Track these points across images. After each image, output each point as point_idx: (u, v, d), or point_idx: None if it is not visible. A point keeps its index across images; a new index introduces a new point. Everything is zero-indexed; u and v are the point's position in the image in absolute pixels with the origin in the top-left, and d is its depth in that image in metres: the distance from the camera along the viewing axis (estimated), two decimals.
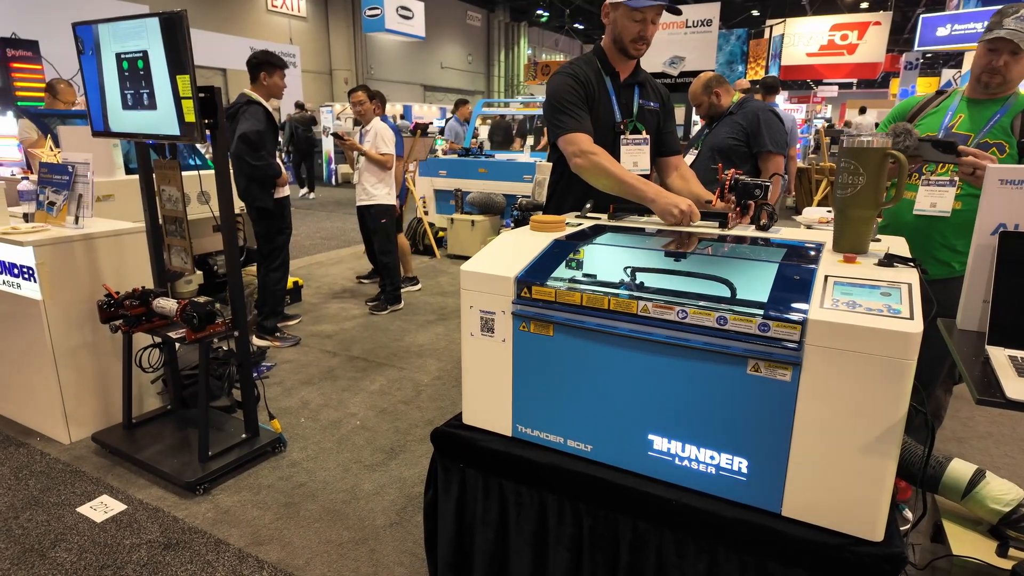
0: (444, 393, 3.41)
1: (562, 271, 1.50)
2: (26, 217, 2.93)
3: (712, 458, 1.28)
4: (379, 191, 4.67)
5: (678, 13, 2.07)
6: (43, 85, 4.98)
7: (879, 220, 1.94)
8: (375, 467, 2.68)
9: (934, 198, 1.86)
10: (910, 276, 1.24)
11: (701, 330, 1.23)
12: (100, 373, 2.86)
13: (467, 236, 6.53)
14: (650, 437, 1.34)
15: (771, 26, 15.01)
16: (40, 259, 2.59)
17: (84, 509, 2.35)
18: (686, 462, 1.31)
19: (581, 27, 28.13)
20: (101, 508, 2.36)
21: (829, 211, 2.34)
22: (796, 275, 1.29)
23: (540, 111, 10.95)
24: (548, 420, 1.47)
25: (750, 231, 1.72)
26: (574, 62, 2.12)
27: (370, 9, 13.14)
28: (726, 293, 1.39)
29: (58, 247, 2.66)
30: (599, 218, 1.92)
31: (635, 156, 2.04)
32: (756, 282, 1.35)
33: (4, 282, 2.76)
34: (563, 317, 1.38)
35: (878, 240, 1.55)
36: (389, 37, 13.78)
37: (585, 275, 1.58)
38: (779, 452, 1.20)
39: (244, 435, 2.71)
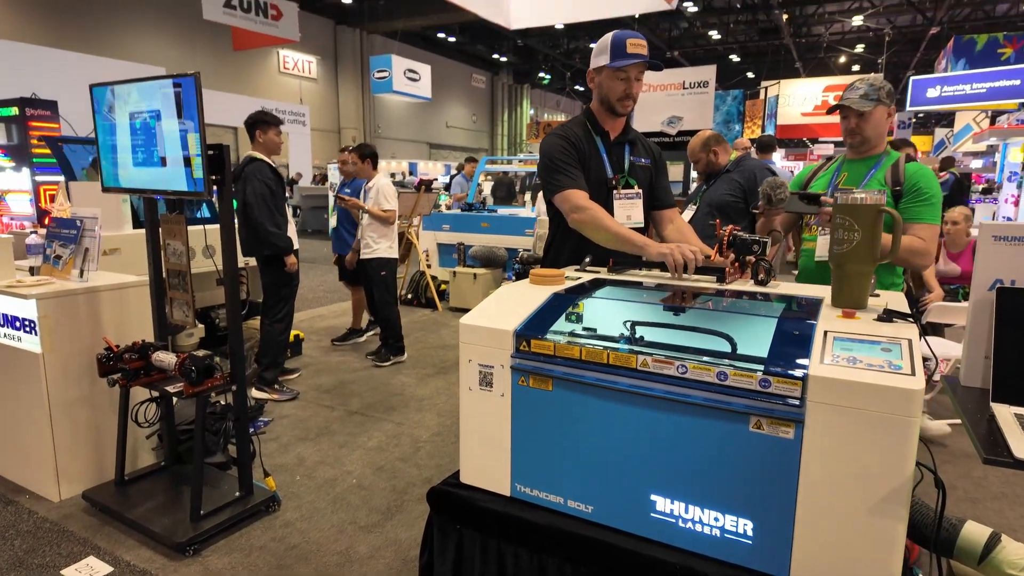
0: (443, 450, 3.34)
1: (561, 324, 1.50)
2: (32, 270, 2.96)
3: (716, 520, 1.24)
4: (381, 245, 4.73)
5: (659, 69, 2.16)
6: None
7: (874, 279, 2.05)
8: (371, 528, 2.59)
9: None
10: (910, 332, 1.23)
11: (702, 385, 1.22)
12: (95, 428, 2.82)
13: (469, 289, 6.56)
14: (652, 497, 1.31)
15: (766, 87, 15.52)
16: (43, 312, 2.60)
17: (68, 571, 2.27)
18: (689, 524, 1.27)
19: (582, 89, 29.11)
20: (86, 570, 2.28)
21: None
22: (796, 330, 1.28)
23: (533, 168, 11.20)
24: (548, 479, 1.44)
25: (748, 286, 1.73)
26: (565, 125, 2.20)
27: (379, 72, 13.67)
28: (726, 348, 1.39)
29: (61, 300, 2.67)
30: (598, 271, 1.93)
31: (628, 210, 2.10)
32: (756, 337, 1.34)
33: (4, 335, 2.76)
34: (562, 371, 1.37)
35: (877, 295, 1.56)
36: (396, 97, 14.27)
37: (584, 329, 1.57)
38: (785, 513, 1.16)
39: (238, 493, 2.64)
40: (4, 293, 2.69)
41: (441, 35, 20.99)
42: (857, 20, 17.06)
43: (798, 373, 1.13)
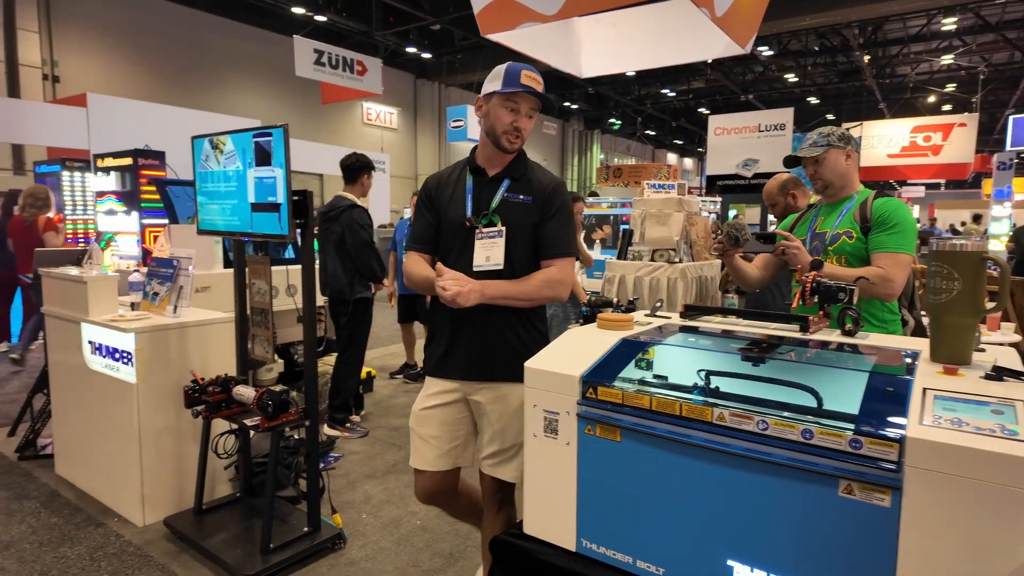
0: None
1: (630, 371, 1.45)
2: (132, 306, 3.20)
3: None
4: None
5: (552, 112, 2.06)
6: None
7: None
8: (433, 573, 2.55)
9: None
10: None
11: (784, 443, 1.14)
12: (178, 457, 2.96)
13: None
14: (730, 563, 1.21)
15: (848, 129, 14.94)
16: (139, 345, 2.79)
17: None
18: None
19: (652, 133, 29.12)
20: None
21: (923, 315, 2.20)
22: (890, 386, 1.18)
23: (606, 211, 11.20)
24: (616, 536, 1.37)
25: (835, 336, 1.62)
26: (449, 166, 2.11)
27: (454, 121, 14.26)
28: (811, 403, 1.29)
29: (155, 334, 2.86)
30: (669, 317, 1.87)
31: (488, 250, 1.89)
32: (844, 392, 1.25)
33: (106, 365, 2.97)
34: (631, 421, 1.32)
35: (982, 350, 1.42)
36: (471, 144, 14.78)
37: (655, 377, 1.51)
38: None
39: (306, 528, 2.68)
40: (107, 326, 2.91)
41: None
42: (947, 59, 16.29)
43: (894, 434, 1.03)
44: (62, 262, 3.68)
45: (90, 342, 3.06)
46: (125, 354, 2.83)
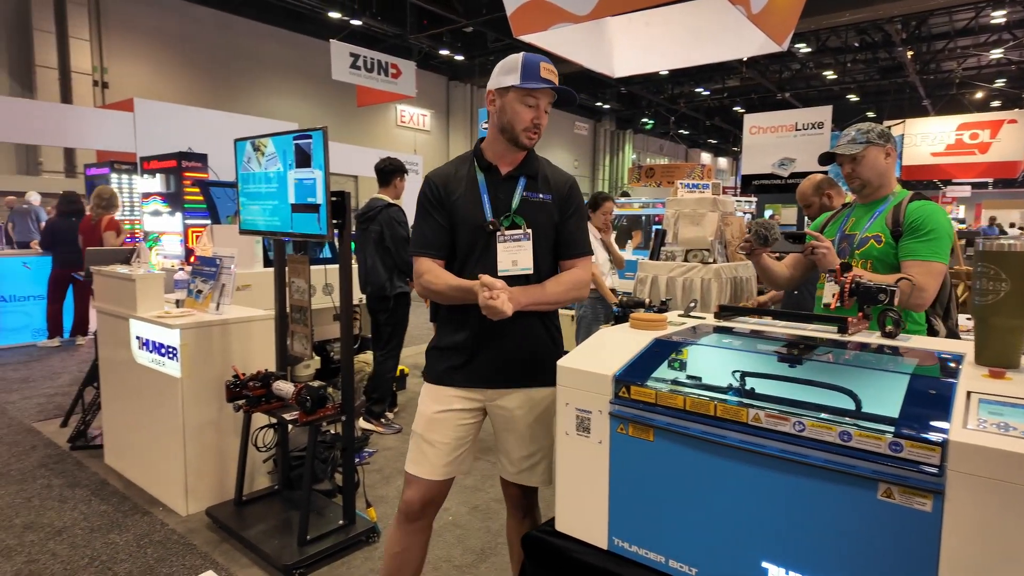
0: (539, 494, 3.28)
1: (664, 371, 1.45)
2: (177, 303, 3.31)
3: None
4: None
5: (573, 103, 1.88)
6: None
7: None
8: (465, 568, 2.59)
9: (836, 291, 1.99)
10: None
11: (821, 445, 1.12)
12: (219, 450, 3.06)
13: (566, 331, 6.51)
14: (764, 565, 1.20)
15: (889, 127, 14.51)
16: (184, 340, 2.89)
17: None
18: None
19: (686, 133, 28.76)
20: None
21: (969, 319, 2.13)
22: (932, 389, 1.16)
23: (637, 211, 11.11)
24: (648, 535, 1.37)
25: (874, 338, 1.59)
26: (449, 162, 1.94)
27: (485, 123, 14.34)
28: (850, 405, 1.27)
29: (199, 330, 2.96)
30: (703, 317, 1.86)
31: (514, 255, 1.78)
32: (884, 395, 1.22)
33: (153, 360, 3.09)
34: (664, 421, 1.32)
35: None
36: None
37: (689, 377, 1.51)
38: None
39: (341, 521, 2.74)
40: (154, 323, 3.03)
41: None
42: (996, 53, 15.68)
43: (936, 437, 1.02)
44: (112, 261, 3.84)
45: (137, 337, 3.19)
46: (170, 349, 2.94)
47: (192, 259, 3.74)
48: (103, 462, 3.57)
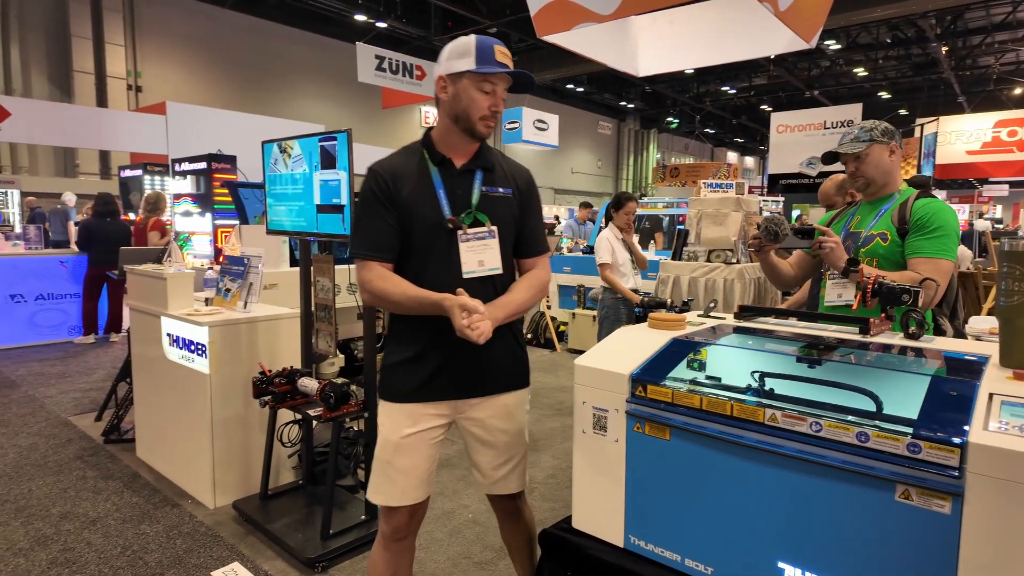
0: (557, 494, 3.30)
1: (681, 371, 1.45)
2: (207, 301, 3.40)
3: None
4: None
5: (531, 88, 1.73)
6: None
7: None
8: (484, 565, 2.61)
9: (840, 290, 2.01)
10: None
11: (838, 446, 1.12)
12: (245, 445, 3.13)
13: (588, 331, 6.52)
14: (780, 565, 1.20)
15: (922, 124, 14.19)
16: (212, 337, 2.97)
17: (216, 574, 2.51)
18: None
19: (712, 132, 28.43)
20: (231, 575, 2.50)
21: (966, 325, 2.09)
22: (953, 390, 1.14)
23: (660, 211, 11.03)
24: (664, 533, 1.37)
25: (897, 339, 1.57)
26: (393, 154, 1.75)
27: (510, 123, 14.39)
28: (869, 406, 1.26)
29: (227, 328, 3.03)
30: (723, 318, 1.85)
31: (479, 254, 1.64)
32: (905, 397, 1.21)
33: (183, 356, 3.18)
34: (681, 420, 1.32)
35: None
36: (525, 146, 14.86)
37: (707, 377, 1.51)
38: None
39: (363, 516, 2.79)
40: (184, 320, 3.11)
41: (570, 86, 21.67)
42: None
43: (956, 439, 1.00)
44: (144, 260, 3.95)
45: (168, 334, 3.28)
46: (200, 346, 3.02)
47: (221, 258, 3.84)
48: (135, 455, 3.68)
